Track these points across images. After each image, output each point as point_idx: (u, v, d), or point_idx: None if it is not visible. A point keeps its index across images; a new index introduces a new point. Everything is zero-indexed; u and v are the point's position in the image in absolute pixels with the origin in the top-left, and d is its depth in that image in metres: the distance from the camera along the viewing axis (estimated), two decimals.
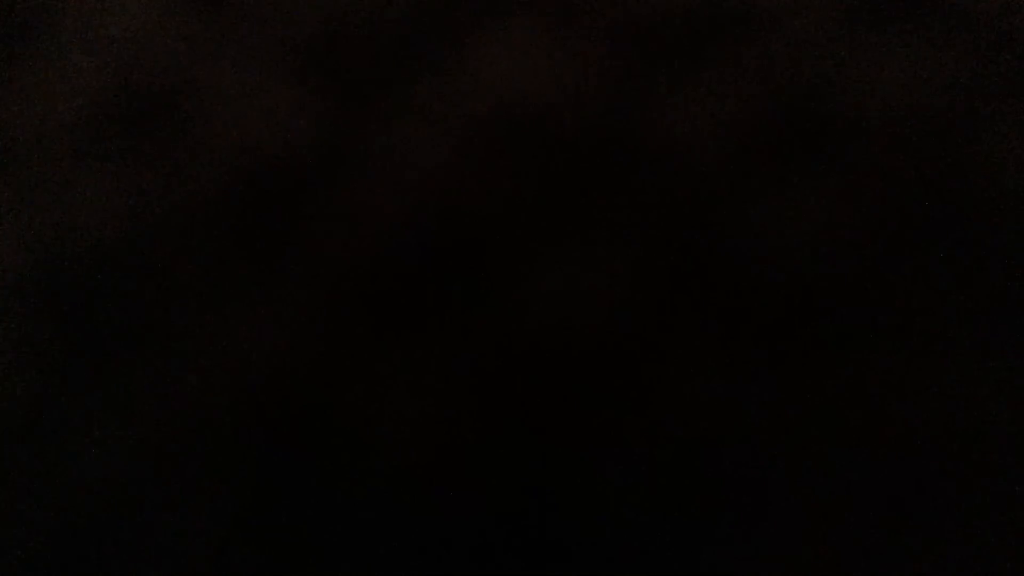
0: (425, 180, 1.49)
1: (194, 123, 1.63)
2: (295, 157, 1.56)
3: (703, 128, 1.48)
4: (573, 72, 1.59)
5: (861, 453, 1.14)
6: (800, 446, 1.16)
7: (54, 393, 1.33)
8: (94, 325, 1.40)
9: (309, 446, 1.24)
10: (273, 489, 1.21)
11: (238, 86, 1.67)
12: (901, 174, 1.38)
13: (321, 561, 1.15)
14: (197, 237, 1.48)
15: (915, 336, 1.22)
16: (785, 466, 1.14)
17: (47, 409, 1.32)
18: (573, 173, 1.46)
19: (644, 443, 1.19)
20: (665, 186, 1.42)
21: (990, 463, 1.11)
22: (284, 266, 1.43)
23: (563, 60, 1.61)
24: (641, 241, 1.37)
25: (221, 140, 1.60)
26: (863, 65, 1.51)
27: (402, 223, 1.45)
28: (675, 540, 1.11)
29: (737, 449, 1.16)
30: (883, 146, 1.41)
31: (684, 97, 1.52)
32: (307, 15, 1.76)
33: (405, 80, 1.63)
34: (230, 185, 1.54)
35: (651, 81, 1.56)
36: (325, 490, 1.20)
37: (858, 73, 1.50)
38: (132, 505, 1.22)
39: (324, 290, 1.39)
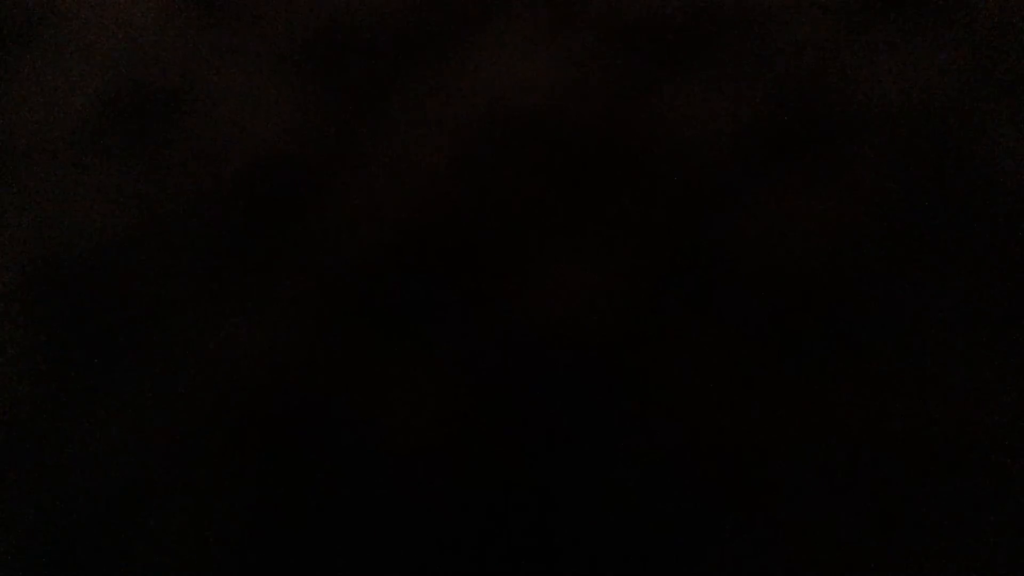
0: (424, 180, 1.49)
1: (193, 124, 1.63)
2: (295, 157, 1.56)
3: (703, 128, 1.48)
4: (573, 72, 1.59)
5: (861, 453, 1.14)
6: (800, 446, 1.16)
7: (54, 394, 1.33)
8: (94, 325, 1.40)
9: (309, 446, 1.24)
10: (273, 488, 1.21)
11: (237, 87, 1.67)
12: (901, 173, 1.38)
13: (321, 559, 1.15)
14: (197, 238, 1.48)
15: (915, 335, 1.22)
16: (784, 465, 1.14)
17: (47, 410, 1.32)
18: (572, 173, 1.46)
19: (643, 442, 1.18)
20: (665, 185, 1.42)
21: (990, 463, 1.11)
22: (284, 266, 1.43)
23: (563, 60, 1.61)
24: (641, 241, 1.37)
25: (220, 141, 1.60)
26: (863, 65, 1.51)
27: (402, 222, 1.45)
28: (674, 539, 1.11)
29: (737, 449, 1.16)
30: (883, 145, 1.41)
31: (684, 97, 1.52)
32: (307, 16, 1.76)
33: (405, 80, 1.63)
34: (229, 185, 1.54)
35: (651, 81, 1.56)
36: (325, 489, 1.20)
37: (858, 73, 1.50)
38: (132, 505, 1.22)
39: (324, 290, 1.39)
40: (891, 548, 1.07)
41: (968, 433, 1.13)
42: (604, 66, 1.59)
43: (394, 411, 1.26)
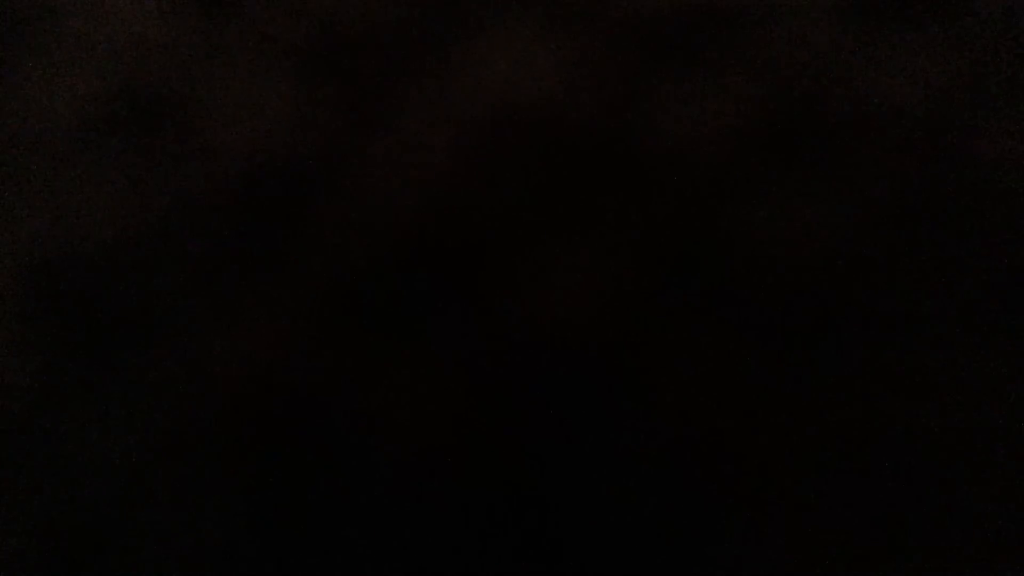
0: (425, 180, 1.49)
1: (194, 124, 1.63)
2: (295, 157, 1.56)
3: (703, 128, 1.48)
4: (573, 72, 1.59)
5: (861, 452, 1.14)
6: (799, 446, 1.16)
7: (53, 393, 1.33)
8: (93, 325, 1.40)
9: (309, 446, 1.24)
10: (272, 488, 1.21)
11: (237, 88, 1.67)
12: (901, 174, 1.38)
13: (321, 559, 1.15)
14: (196, 238, 1.48)
15: (914, 335, 1.22)
16: (784, 465, 1.14)
17: (46, 409, 1.32)
18: (573, 173, 1.46)
19: (643, 442, 1.18)
20: (664, 186, 1.42)
21: (990, 463, 1.11)
22: (284, 266, 1.43)
23: (563, 60, 1.61)
24: (640, 241, 1.37)
25: (220, 141, 1.60)
26: (863, 65, 1.51)
27: (402, 223, 1.45)
28: (674, 539, 1.11)
29: (737, 449, 1.16)
30: (883, 146, 1.41)
31: (684, 97, 1.52)
32: (307, 16, 1.76)
33: (405, 81, 1.63)
34: (229, 186, 1.54)
35: (651, 81, 1.56)
36: (325, 489, 1.20)
37: (858, 73, 1.50)
38: (132, 504, 1.22)
39: (324, 290, 1.39)
40: (892, 548, 1.07)
41: (968, 433, 1.13)
42: (604, 66, 1.59)
43: (394, 411, 1.26)
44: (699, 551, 1.10)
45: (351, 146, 1.56)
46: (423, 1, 1.75)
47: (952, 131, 1.41)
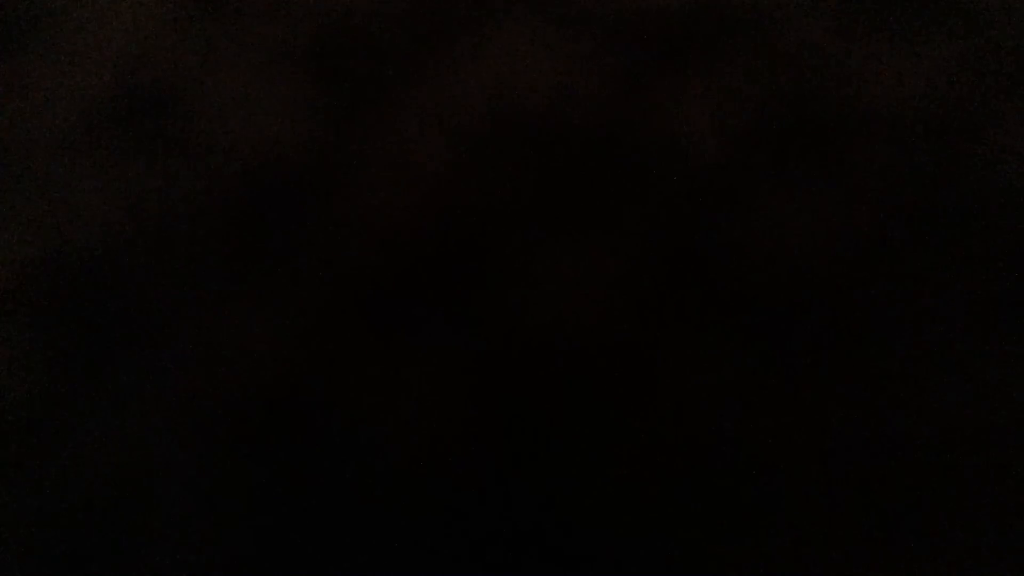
0: (424, 180, 1.49)
1: (194, 124, 1.63)
2: (295, 157, 1.56)
3: (703, 128, 1.48)
4: (573, 72, 1.59)
5: (861, 453, 1.14)
6: (799, 445, 1.16)
7: (53, 392, 1.33)
8: (93, 325, 1.40)
9: (310, 446, 1.24)
10: (273, 488, 1.21)
11: (237, 87, 1.67)
12: (901, 174, 1.38)
13: (321, 560, 1.15)
14: (197, 237, 1.48)
15: (914, 336, 1.22)
16: (784, 466, 1.14)
17: (46, 408, 1.32)
18: (572, 173, 1.46)
19: (644, 442, 1.18)
20: (664, 186, 1.42)
21: (990, 463, 1.11)
22: (284, 265, 1.43)
23: (563, 60, 1.61)
24: (640, 241, 1.37)
25: (221, 141, 1.60)
26: (863, 65, 1.51)
27: (402, 223, 1.45)
28: (674, 540, 1.11)
29: (736, 449, 1.16)
30: (883, 146, 1.41)
31: (684, 97, 1.52)
32: (307, 16, 1.76)
33: (405, 80, 1.63)
34: (229, 185, 1.54)
35: (651, 81, 1.56)
36: (326, 489, 1.20)
37: (858, 73, 1.50)
38: (132, 504, 1.22)
39: (324, 290, 1.39)
40: (891, 548, 1.07)
41: (968, 433, 1.13)
42: (604, 66, 1.59)
43: (394, 411, 1.26)
44: (699, 551, 1.10)
45: (351, 145, 1.56)
46: (423, 1, 1.75)
47: (952, 131, 1.41)
